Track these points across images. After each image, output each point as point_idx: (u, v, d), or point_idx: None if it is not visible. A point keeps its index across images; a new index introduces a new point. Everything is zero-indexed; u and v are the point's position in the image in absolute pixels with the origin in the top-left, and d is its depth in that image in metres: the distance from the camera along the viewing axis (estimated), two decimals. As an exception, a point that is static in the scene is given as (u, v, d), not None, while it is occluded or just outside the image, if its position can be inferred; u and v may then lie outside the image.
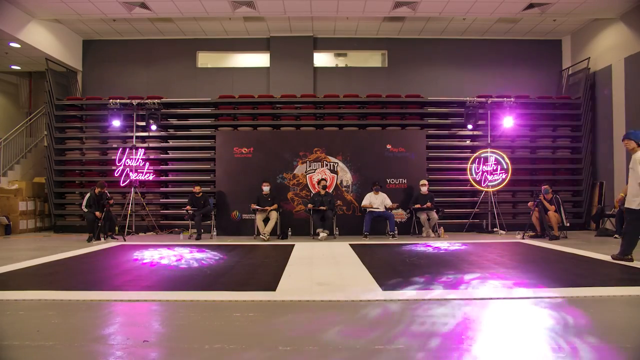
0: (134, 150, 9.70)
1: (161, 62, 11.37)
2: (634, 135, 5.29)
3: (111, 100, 9.70)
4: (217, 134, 9.74)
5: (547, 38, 11.30)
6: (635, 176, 5.15)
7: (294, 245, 7.39)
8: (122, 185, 9.51)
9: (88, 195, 8.24)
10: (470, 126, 9.83)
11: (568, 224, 8.61)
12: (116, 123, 9.62)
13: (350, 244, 7.41)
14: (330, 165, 9.44)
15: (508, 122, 9.66)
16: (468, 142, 10.26)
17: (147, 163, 9.73)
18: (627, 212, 5.29)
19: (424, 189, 8.94)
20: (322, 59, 11.83)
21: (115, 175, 9.59)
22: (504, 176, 9.54)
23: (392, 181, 9.44)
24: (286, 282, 4.30)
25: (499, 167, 9.58)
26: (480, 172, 9.64)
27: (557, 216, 8.27)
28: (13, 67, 11.85)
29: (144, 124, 9.82)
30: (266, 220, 8.50)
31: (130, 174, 9.52)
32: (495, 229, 9.38)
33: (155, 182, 10.01)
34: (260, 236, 8.33)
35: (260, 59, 11.60)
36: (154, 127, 9.76)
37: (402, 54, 11.36)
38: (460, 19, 10.17)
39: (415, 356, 2.41)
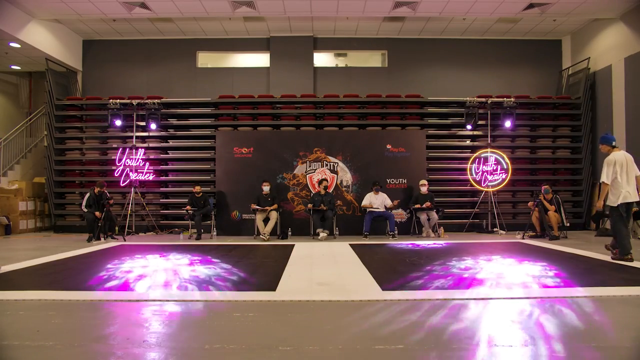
0: (134, 150, 9.70)
1: (161, 62, 11.37)
2: (605, 140, 5.70)
3: (111, 100, 9.70)
4: (217, 134, 9.75)
5: (547, 38, 11.30)
6: (602, 175, 5.45)
7: (294, 245, 7.39)
8: (122, 185, 9.52)
9: (88, 195, 8.25)
10: (469, 127, 9.85)
11: (568, 224, 8.61)
12: (117, 123, 9.63)
13: (350, 244, 7.41)
14: (330, 165, 9.44)
15: (508, 122, 9.66)
16: (468, 142, 10.26)
17: (147, 163, 9.73)
18: (609, 210, 5.54)
19: (424, 189, 8.94)
20: (322, 59, 11.83)
21: (115, 175, 9.59)
22: (504, 176, 9.55)
23: (392, 181, 9.44)
24: (286, 282, 4.30)
25: (499, 167, 9.58)
26: (480, 172, 9.64)
27: (557, 216, 8.27)
28: (13, 67, 11.85)
29: (144, 124, 9.83)
30: (266, 220, 8.50)
31: (130, 174, 9.52)
32: (495, 229, 9.38)
33: (155, 182, 10.01)
34: (260, 236, 8.33)
35: (260, 59, 11.60)
36: (153, 127, 9.76)
37: (402, 54, 11.36)
38: (460, 19, 10.17)
39: (416, 356, 2.41)
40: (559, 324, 2.95)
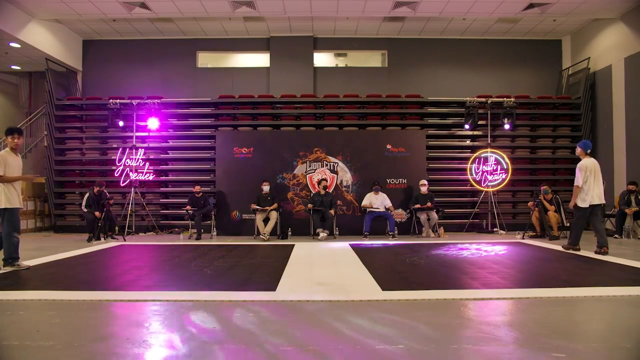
0: (134, 150, 9.70)
1: (161, 62, 11.37)
2: (584, 145, 6.32)
3: (111, 100, 9.70)
4: (217, 134, 9.74)
5: (547, 38, 11.30)
6: (577, 180, 6.12)
7: (294, 245, 7.39)
8: (122, 185, 9.52)
9: (87, 195, 8.25)
10: (467, 126, 9.86)
11: (568, 224, 8.59)
12: (119, 123, 9.63)
13: (350, 244, 7.42)
14: (330, 165, 9.44)
15: (508, 122, 9.66)
16: (468, 142, 10.26)
17: (147, 163, 9.73)
18: (575, 208, 6.27)
19: (424, 189, 8.94)
20: (322, 59, 11.83)
21: (115, 175, 9.59)
22: (504, 176, 9.55)
23: (392, 181, 9.44)
24: (286, 282, 4.30)
25: (499, 167, 9.58)
26: (480, 172, 9.64)
27: (557, 216, 8.28)
28: (13, 67, 11.85)
29: (144, 124, 9.83)
30: (266, 220, 8.50)
31: (130, 174, 9.52)
32: (495, 229, 9.38)
33: (155, 182, 10.01)
34: (260, 236, 8.33)
35: (260, 59, 11.60)
36: (153, 127, 9.75)
37: (402, 54, 11.36)
38: (460, 19, 10.17)
39: (416, 356, 2.41)
40: (560, 324, 2.94)
